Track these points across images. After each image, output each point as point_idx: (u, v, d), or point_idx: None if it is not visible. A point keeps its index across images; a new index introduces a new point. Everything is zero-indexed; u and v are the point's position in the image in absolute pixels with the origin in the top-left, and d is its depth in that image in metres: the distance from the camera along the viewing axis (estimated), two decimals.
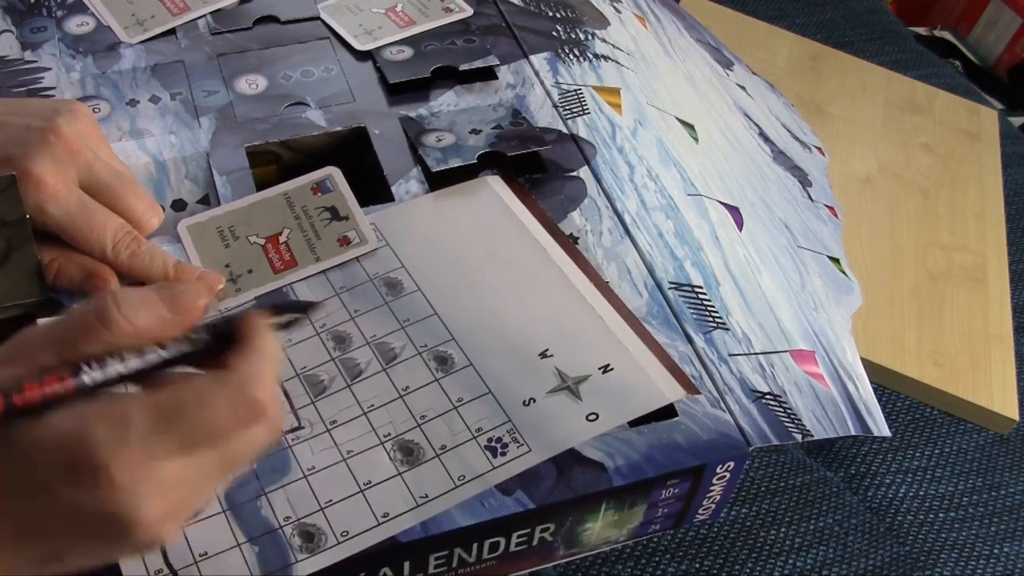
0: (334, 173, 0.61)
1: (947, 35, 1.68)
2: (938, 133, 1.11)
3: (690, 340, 0.57)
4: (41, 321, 0.49)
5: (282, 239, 0.59)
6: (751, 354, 0.57)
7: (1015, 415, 0.84)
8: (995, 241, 1.01)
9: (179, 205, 0.61)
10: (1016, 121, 1.41)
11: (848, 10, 1.29)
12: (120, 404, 0.38)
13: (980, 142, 1.12)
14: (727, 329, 0.58)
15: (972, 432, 0.84)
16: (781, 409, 0.55)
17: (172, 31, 0.71)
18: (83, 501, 0.37)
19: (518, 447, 0.50)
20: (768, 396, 0.55)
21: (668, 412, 0.53)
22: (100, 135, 0.61)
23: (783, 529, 0.69)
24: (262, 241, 0.59)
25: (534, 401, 0.52)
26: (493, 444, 0.50)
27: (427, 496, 0.48)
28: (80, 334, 0.39)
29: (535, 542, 0.52)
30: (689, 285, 0.60)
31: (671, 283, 0.59)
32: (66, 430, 0.37)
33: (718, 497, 0.56)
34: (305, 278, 0.57)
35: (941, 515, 0.76)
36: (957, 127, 1.13)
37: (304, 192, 0.61)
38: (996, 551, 0.75)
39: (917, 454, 0.80)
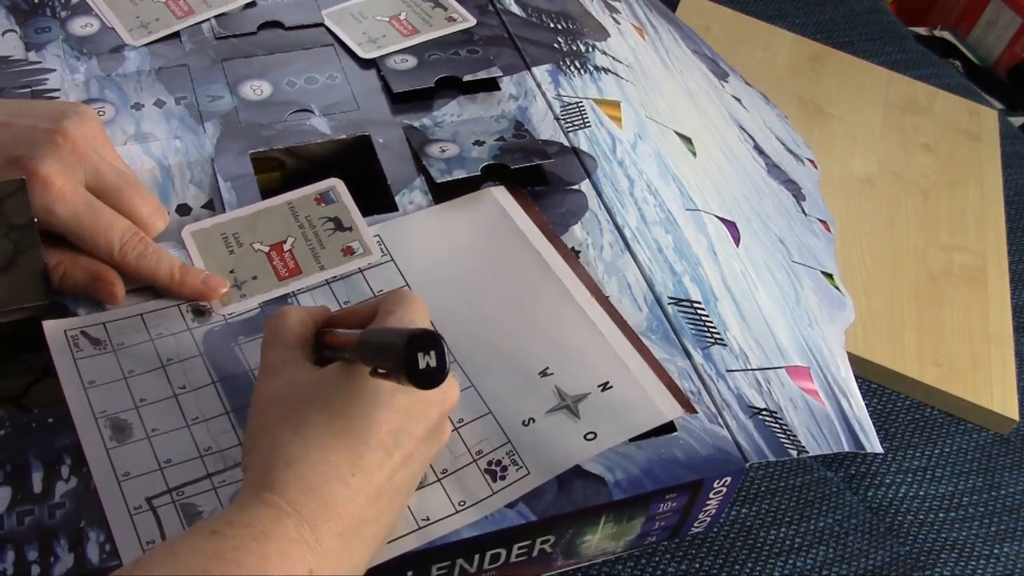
0: (337, 185, 0.62)
1: (947, 35, 1.68)
2: (938, 133, 1.11)
3: (689, 355, 0.58)
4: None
5: (286, 247, 0.59)
6: (748, 370, 0.58)
7: (1015, 415, 0.85)
8: (995, 241, 1.01)
9: (184, 210, 0.61)
10: (1016, 121, 1.41)
11: (848, 10, 1.29)
12: None
13: (980, 142, 1.12)
14: (725, 345, 0.59)
15: (972, 432, 0.84)
16: (777, 425, 0.56)
17: (176, 34, 0.71)
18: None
19: (517, 470, 0.51)
20: (765, 412, 0.56)
21: (667, 427, 0.54)
22: (106, 138, 0.61)
23: (783, 529, 0.69)
24: (266, 248, 0.59)
25: (533, 421, 0.52)
26: (493, 468, 0.51)
27: (429, 519, 0.49)
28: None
29: (535, 553, 0.53)
30: (688, 300, 0.61)
31: (670, 298, 0.60)
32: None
33: (713, 510, 0.57)
34: (310, 287, 0.58)
35: (941, 515, 0.77)
36: (957, 127, 1.13)
37: (308, 202, 0.61)
38: (996, 551, 0.75)
39: (917, 454, 0.81)
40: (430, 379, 0.42)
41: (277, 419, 0.46)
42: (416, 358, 0.42)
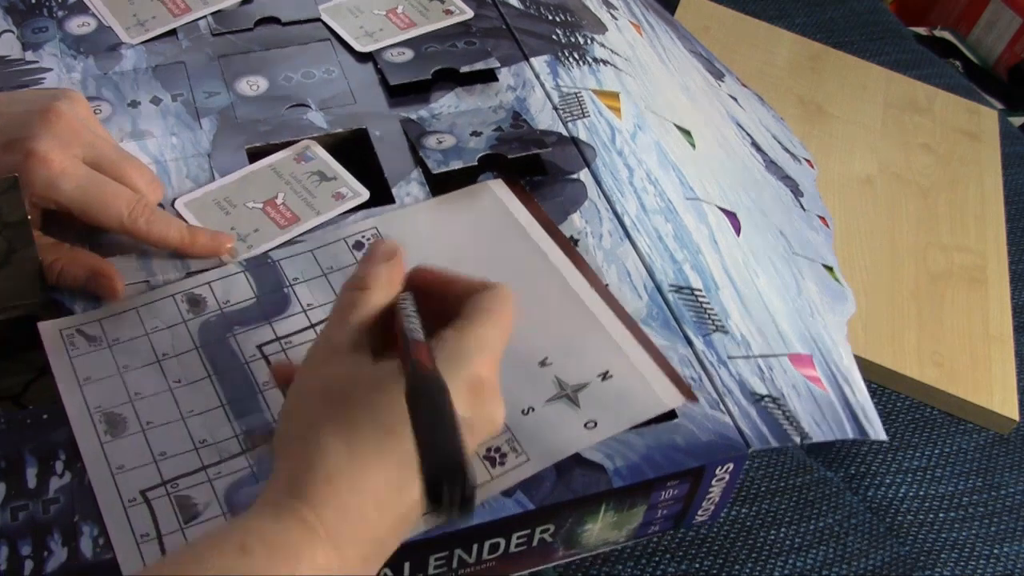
0: (311, 144, 0.63)
1: (947, 35, 1.68)
2: (938, 133, 1.11)
3: (690, 342, 0.57)
4: None
5: (279, 201, 0.61)
6: (750, 357, 0.58)
7: (1015, 415, 0.84)
8: (995, 241, 1.01)
9: None
10: (1016, 121, 1.41)
11: (848, 10, 1.29)
12: None
13: (980, 142, 1.12)
14: (726, 332, 0.58)
15: (972, 432, 0.84)
16: (780, 412, 0.55)
17: (173, 32, 0.71)
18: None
19: (516, 456, 0.50)
20: (767, 398, 0.55)
21: (668, 414, 0.53)
22: (97, 120, 0.62)
23: (783, 529, 0.69)
24: (260, 205, 0.60)
25: (533, 410, 0.52)
26: (492, 454, 0.50)
27: None
28: None
29: (535, 543, 0.53)
30: (689, 288, 0.60)
31: (671, 286, 0.59)
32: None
33: (717, 498, 0.56)
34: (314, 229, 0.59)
35: (941, 515, 0.77)
36: (957, 127, 1.13)
37: (288, 163, 0.63)
38: (996, 551, 0.75)
39: (917, 454, 0.81)
40: (450, 511, 0.38)
41: (323, 416, 0.43)
42: (441, 491, 0.38)
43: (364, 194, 0.61)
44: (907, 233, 0.98)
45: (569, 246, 0.60)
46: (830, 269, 0.74)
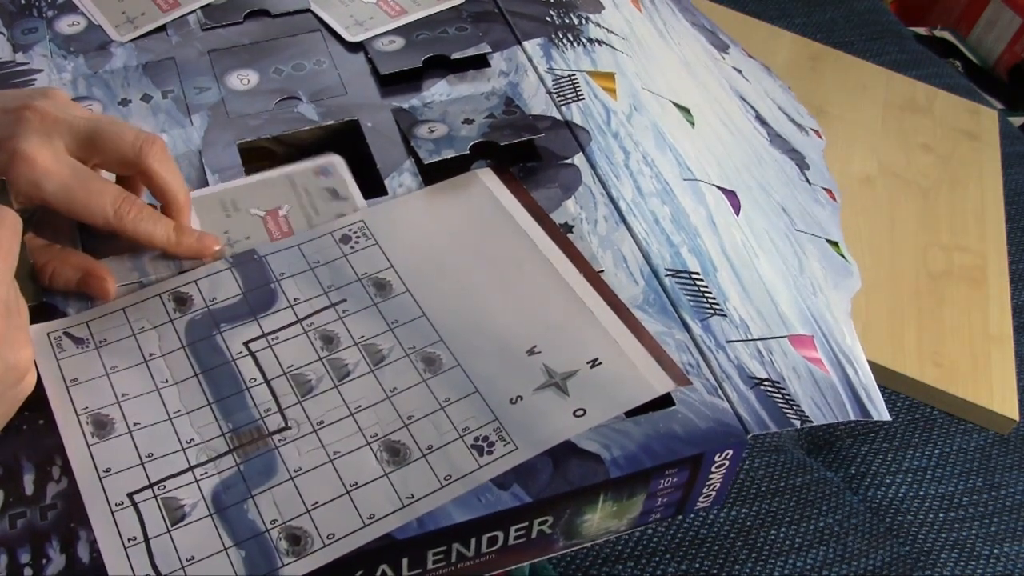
0: (336, 160, 0.62)
1: (947, 35, 1.68)
2: (938, 133, 1.11)
3: (687, 327, 0.56)
4: None
5: (282, 212, 0.60)
6: (749, 340, 0.57)
7: (1015, 415, 0.84)
8: (995, 241, 1.01)
9: None
10: (1016, 121, 1.42)
11: (848, 10, 1.30)
12: None
13: (980, 142, 1.12)
14: (724, 315, 0.58)
15: (972, 432, 0.84)
16: (780, 395, 0.54)
17: (163, 28, 0.71)
18: None
19: (504, 445, 0.50)
20: (766, 382, 0.55)
21: (665, 401, 0.53)
22: (76, 104, 0.60)
23: (783, 529, 0.69)
24: (262, 213, 0.60)
25: (521, 399, 0.51)
26: (479, 443, 0.50)
27: (413, 496, 0.48)
28: None
29: (534, 535, 0.52)
30: (686, 271, 0.59)
31: (668, 270, 0.59)
32: None
33: (718, 484, 0.56)
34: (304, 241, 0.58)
35: (941, 515, 0.76)
36: (957, 127, 1.13)
37: (306, 174, 0.62)
38: (996, 551, 0.75)
39: (917, 454, 0.80)
40: None
41: None
42: None
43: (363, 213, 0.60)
44: (907, 233, 0.98)
45: (559, 233, 0.59)
46: (835, 244, 0.73)
